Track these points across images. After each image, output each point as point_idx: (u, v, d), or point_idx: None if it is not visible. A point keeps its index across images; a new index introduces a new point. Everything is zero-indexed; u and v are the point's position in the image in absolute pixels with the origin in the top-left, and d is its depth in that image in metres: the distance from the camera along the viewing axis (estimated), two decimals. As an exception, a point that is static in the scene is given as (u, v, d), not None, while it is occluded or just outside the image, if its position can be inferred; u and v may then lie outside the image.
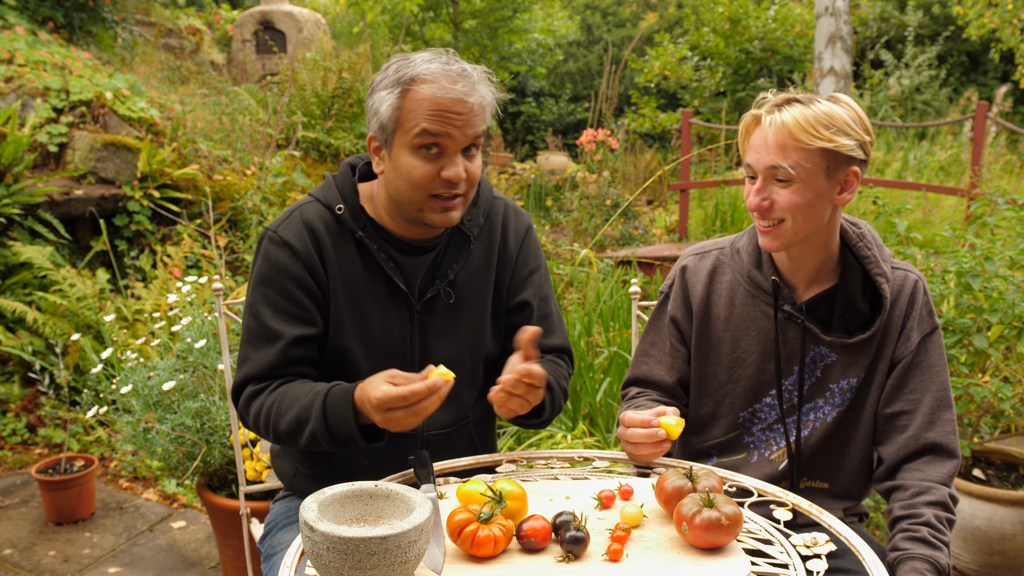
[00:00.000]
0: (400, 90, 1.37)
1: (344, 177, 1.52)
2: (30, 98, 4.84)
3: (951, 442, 1.46)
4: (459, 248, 1.53)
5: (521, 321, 1.59)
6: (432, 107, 1.35)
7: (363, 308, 1.48)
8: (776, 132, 1.37)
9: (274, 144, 5.34)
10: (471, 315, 1.55)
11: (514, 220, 1.61)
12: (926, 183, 6.87)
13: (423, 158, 1.37)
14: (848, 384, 1.53)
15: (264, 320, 1.46)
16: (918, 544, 1.35)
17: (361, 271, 1.48)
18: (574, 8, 16.99)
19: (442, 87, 1.35)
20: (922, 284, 1.53)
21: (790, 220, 1.42)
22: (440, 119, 1.35)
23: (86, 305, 3.80)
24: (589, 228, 6.90)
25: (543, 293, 1.63)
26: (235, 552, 2.45)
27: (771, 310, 1.53)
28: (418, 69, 1.37)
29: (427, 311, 1.51)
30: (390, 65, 1.41)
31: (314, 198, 1.51)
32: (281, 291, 1.46)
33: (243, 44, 9.38)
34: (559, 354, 1.64)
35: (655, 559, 1.13)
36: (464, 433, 1.60)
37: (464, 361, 1.56)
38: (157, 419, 2.43)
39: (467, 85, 1.36)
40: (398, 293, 1.49)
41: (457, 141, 1.37)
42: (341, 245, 1.48)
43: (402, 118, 1.37)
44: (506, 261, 1.59)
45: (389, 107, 1.38)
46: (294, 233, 1.46)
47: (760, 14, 12.05)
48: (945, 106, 11.34)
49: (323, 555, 0.99)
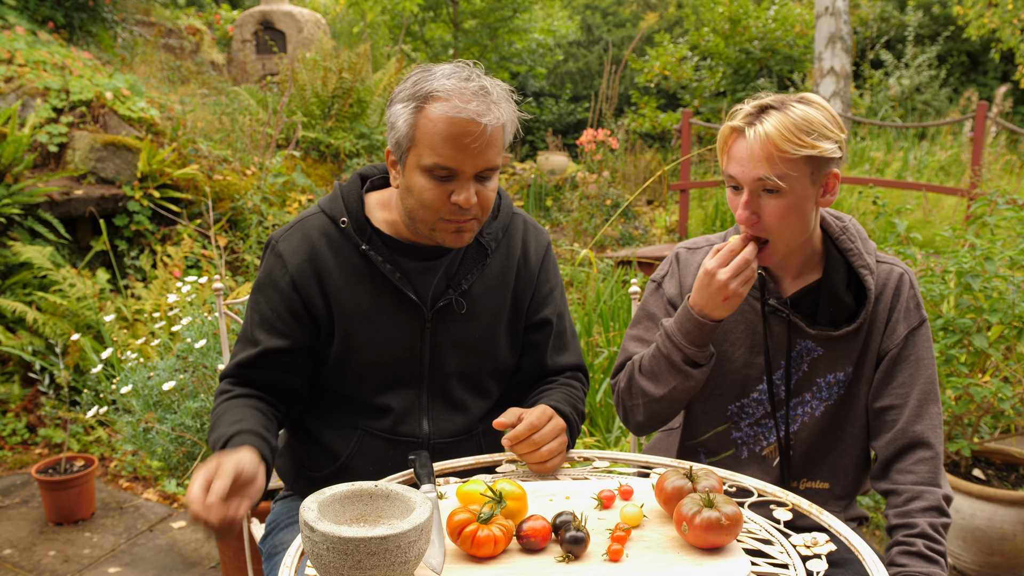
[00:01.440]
0: (415, 106, 1.35)
1: (351, 188, 1.52)
2: (30, 98, 4.84)
3: (935, 436, 1.47)
4: (476, 259, 1.53)
5: (541, 338, 1.60)
6: (445, 129, 1.32)
7: (371, 317, 1.49)
8: (761, 144, 1.37)
9: (274, 144, 5.35)
10: (484, 327, 1.55)
11: (534, 238, 1.62)
12: (926, 183, 6.87)
13: (434, 181, 1.36)
14: (835, 378, 1.53)
15: (249, 325, 1.51)
16: (915, 559, 1.36)
17: (368, 282, 1.48)
18: (574, 8, 16.99)
19: (455, 106, 1.32)
20: (908, 278, 1.53)
21: (777, 236, 1.43)
22: (452, 144, 1.32)
23: (86, 305, 3.80)
24: (589, 228, 6.90)
25: (560, 310, 1.64)
26: (235, 552, 2.45)
27: (758, 304, 1.54)
28: (434, 84, 1.34)
29: (439, 319, 1.51)
30: (411, 76, 1.39)
31: (320, 210, 1.52)
32: (268, 301, 1.49)
33: (243, 44, 9.38)
34: (574, 372, 1.64)
35: (655, 559, 1.14)
36: (473, 442, 1.60)
37: (474, 372, 1.56)
38: (157, 419, 2.43)
39: (483, 104, 1.33)
40: (408, 301, 1.49)
41: (469, 168, 1.35)
42: (345, 257, 1.48)
43: (416, 137, 1.35)
44: (526, 278, 1.59)
45: (404, 123, 1.36)
46: (290, 247, 1.49)
47: (760, 14, 12.06)
48: (945, 106, 11.34)
49: (323, 555, 0.99)
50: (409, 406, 1.53)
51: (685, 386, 1.48)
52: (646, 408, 1.54)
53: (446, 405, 1.55)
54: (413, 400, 1.53)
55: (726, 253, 1.40)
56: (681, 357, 1.46)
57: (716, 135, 1.49)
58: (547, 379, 1.62)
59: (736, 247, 1.40)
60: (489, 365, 1.58)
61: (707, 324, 1.42)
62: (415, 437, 1.53)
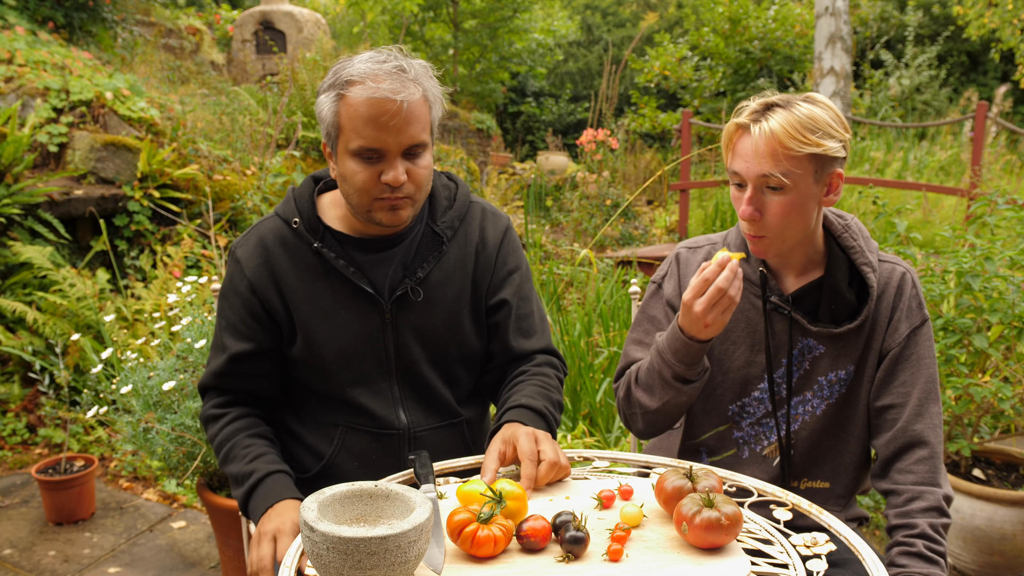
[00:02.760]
0: (335, 94, 1.40)
1: (302, 190, 1.57)
2: (30, 98, 4.84)
3: (935, 435, 1.47)
4: (431, 248, 1.55)
5: (500, 319, 1.60)
6: (365, 111, 1.36)
7: (330, 314, 1.51)
8: (767, 141, 1.37)
9: (274, 144, 5.35)
10: (446, 314, 1.56)
11: (492, 222, 1.63)
12: (926, 183, 6.87)
13: (363, 163, 1.40)
14: (836, 376, 1.53)
15: (218, 331, 1.57)
16: (915, 560, 1.36)
17: (323, 279, 1.51)
18: (574, 8, 17.00)
19: (370, 87, 1.36)
20: (910, 276, 1.53)
21: (778, 233, 1.43)
22: (372, 124, 1.36)
23: (86, 305, 3.80)
24: (589, 228, 6.91)
25: (523, 293, 1.64)
26: (235, 552, 2.45)
27: (759, 301, 1.54)
28: (351, 70, 1.39)
29: (398, 309, 1.53)
30: (333, 68, 1.43)
31: (275, 213, 1.56)
32: (231, 307, 1.54)
33: (243, 44, 9.38)
34: (547, 357, 1.63)
35: (655, 559, 1.14)
36: (456, 431, 1.61)
37: (440, 360, 1.57)
38: (157, 419, 2.43)
39: (397, 82, 1.37)
40: (364, 294, 1.51)
41: (393, 146, 1.38)
42: (299, 257, 1.52)
43: (341, 124, 1.40)
44: (484, 262, 1.60)
45: (329, 112, 1.41)
46: (247, 252, 1.54)
47: (760, 14, 12.06)
48: (945, 106, 11.34)
49: (323, 555, 0.99)
50: (382, 398, 1.54)
51: (678, 400, 1.49)
52: (643, 418, 1.55)
53: (418, 394, 1.57)
54: (386, 391, 1.55)
55: (700, 282, 1.37)
56: (671, 374, 1.46)
57: (716, 135, 1.49)
58: (518, 366, 1.61)
59: (711, 274, 1.36)
60: (455, 352, 1.59)
61: (694, 345, 1.42)
62: (395, 429, 1.54)
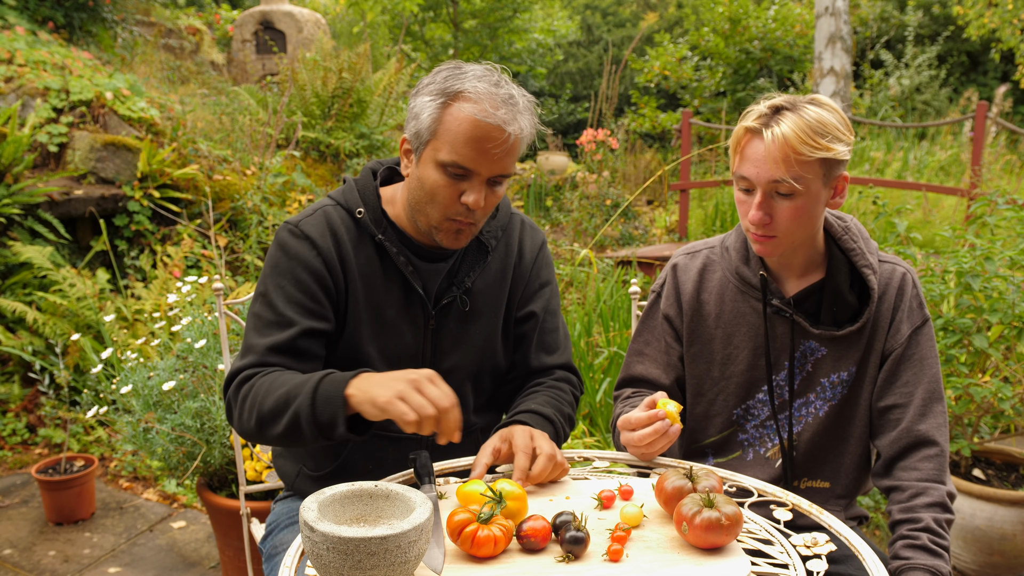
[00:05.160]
0: (442, 101, 1.35)
1: (365, 181, 1.53)
2: (30, 98, 4.84)
3: (941, 435, 1.47)
4: (477, 258, 1.55)
5: (527, 331, 1.60)
6: (469, 130, 1.33)
7: (380, 311, 1.49)
8: (779, 146, 1.37)
9: (274, 144, 5.35)
10: (484, 324, 1.56)
11: (530, 235, 1.64)
12: (926, 183, 6.87)
13: (448, 177, 1.37)
14: (839, 378, 1.53)
15: (279, 308, 1.44)
16: (919, 552, 1.36)
17: (380, 274, 1.49)
18: (574, 8, 17.00)
19: (484, 110, 1.33)
20: (911, 277, 1.53)
21: (786, 236, 1.43)
22: (473, 146, 1.33)
23: (86, 305, 3.80)
24: (589, 228, 6.90)
25: (552, 308, 1.64)
26: (235, 552, 2.45)
27: (760, 305, 1.54)
28: (465, 84, 1.35)
29: (441, 317, 1.52)
30: (440, 71, 1.40)
31: (335, 202, 1.51)
32: (297, 283, 1.44)
33: (243, 44, 9.38)
34: (563, 372, 1.64)
35: (655, 559, 1.14)
36: (471, 439, 1.60)
37: (472, 369, 1.57)
38: (157, 419, 2.43)
39: (510, 113, 1.35)
40: (414, 297, 1.50)
41: (485, 172, 1.36)
42: (360, 248, 1.48)
43: (438, 131, 1.36)
44: (520, 273, 1.60)
45: (429, 116, 1.37)
46: (316, 229, 1.47)
47: (760, 14, 12.05)
48: (945, 106, 11.34)
49: (323, 555, 0.99)
50: None
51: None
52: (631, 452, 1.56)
53: None
54: None
55: (626, 422, 1.40)
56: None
57: (716, 135, 1.50)
58: (534, 378, 1.62)
59: (638, 424, 1.38)
60: (488, 363, 1.58)
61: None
62: (414, 435, 1.53)
